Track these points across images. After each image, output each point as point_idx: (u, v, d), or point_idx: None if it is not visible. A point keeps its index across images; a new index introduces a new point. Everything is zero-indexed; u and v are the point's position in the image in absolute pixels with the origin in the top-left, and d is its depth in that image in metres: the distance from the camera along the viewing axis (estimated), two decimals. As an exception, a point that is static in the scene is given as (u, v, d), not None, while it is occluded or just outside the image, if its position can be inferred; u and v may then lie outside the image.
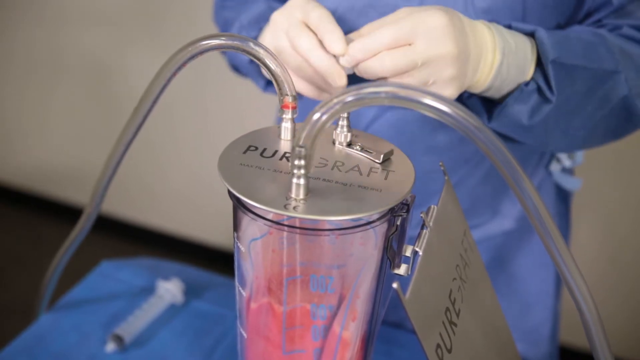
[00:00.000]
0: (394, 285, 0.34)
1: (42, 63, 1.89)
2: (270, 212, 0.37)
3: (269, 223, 0.40)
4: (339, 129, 0.45)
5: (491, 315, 0.50)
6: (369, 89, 0.35)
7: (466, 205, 0.69)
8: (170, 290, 0.74)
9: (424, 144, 0.66)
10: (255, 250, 0.46)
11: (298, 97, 0.48)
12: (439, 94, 0.35)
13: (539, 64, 0.56)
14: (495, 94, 0.56)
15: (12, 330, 0.72)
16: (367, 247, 0.45)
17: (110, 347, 0.67)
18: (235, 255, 0.45)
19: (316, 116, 0.36)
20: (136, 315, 0.71)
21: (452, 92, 0.51)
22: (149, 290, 0.76)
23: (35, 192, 2.14)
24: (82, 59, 1.83)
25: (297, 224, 0.40)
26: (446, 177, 0.47)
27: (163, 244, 1.97)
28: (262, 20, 0.64)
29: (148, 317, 0.71)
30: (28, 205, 2.15)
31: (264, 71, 0.46)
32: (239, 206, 0.40)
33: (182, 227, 1.95)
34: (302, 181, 0.37)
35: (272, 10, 0.63)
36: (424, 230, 0.41)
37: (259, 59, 0.44)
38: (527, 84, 0.55)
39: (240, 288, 0.46)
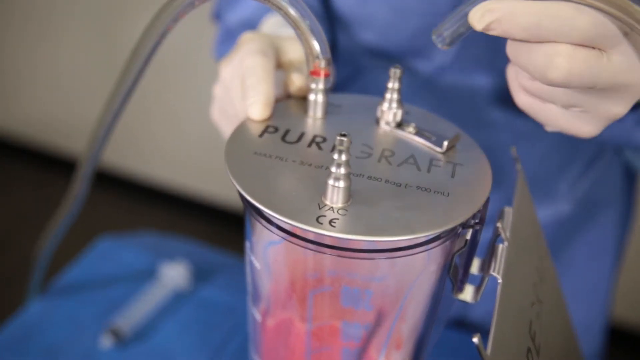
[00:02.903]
0: (475, 340, 0.24)
1: (57, 8, 1.77)
2: (296, 227, 0.27)
3: (291, 237, 0.30)
4: (385, 104, 0.34)
5: (568, 343, 0.40)
6: None
7: None
8: (174, 276, 0.65)
9: (474, 117, 0.54)
10: (274, 257, 0.36)
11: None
12: None
13: None
14: None
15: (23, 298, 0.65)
16: (418, 256, 0.34)
17: (107, 342, 0.59)
18: (248, 270, 0.35)
19: None
20: (136, 304, 0.62)
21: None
22: (151, 274, 0.67)
23: (48, 146, 2.06)
24: (93, 11, 1.71)
25: (328, 241, 0.29)
26: (518, 167, 0.36)
27: (175, 201, 1.90)
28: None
29: (150, 307, 0.62)
30: (41, 161, 2.07)
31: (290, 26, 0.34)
32: (252, 212, 0.30)
33: (196, 184, 1.87)
34: (341, 184, 0.27)
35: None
36: (500, 246, 0.31)
37: (280, 8, 0.33)
38: None
39: (253, 309, 0.36)
